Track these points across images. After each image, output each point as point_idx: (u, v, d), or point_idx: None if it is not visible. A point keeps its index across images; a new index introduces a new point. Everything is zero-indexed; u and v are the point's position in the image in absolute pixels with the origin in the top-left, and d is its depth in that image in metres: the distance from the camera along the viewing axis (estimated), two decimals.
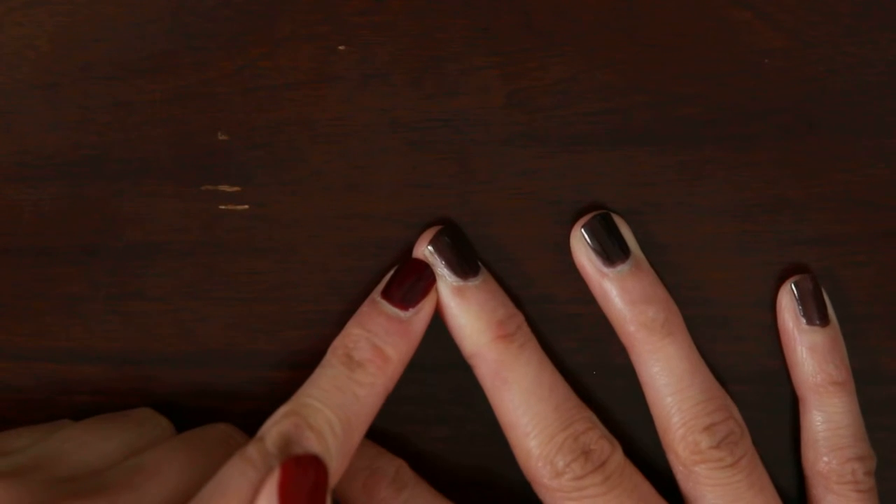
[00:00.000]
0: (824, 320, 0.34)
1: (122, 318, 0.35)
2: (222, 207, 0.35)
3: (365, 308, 0.33)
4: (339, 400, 0.31)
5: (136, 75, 0.34)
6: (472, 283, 0.34)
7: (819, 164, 0.34)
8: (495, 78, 0.34)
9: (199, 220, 0.35)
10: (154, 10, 0.34)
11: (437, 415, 0.36)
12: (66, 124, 0.34)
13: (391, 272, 0.34)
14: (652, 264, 0.35)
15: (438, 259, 0.33)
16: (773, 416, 0.36)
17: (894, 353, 0.35)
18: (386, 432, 0.36)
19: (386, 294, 0.33)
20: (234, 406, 0.36)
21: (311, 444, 0.29)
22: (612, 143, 0.34)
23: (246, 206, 0.35)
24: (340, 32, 0.34)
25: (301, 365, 0.35)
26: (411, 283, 0.33)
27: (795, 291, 0.34)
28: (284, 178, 0.34)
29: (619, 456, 0.33)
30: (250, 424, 0.35)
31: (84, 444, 0.31)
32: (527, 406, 0.33)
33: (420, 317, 0.33)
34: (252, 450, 0.28)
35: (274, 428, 0.29)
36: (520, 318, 0.34)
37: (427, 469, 0.36)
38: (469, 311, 0.33)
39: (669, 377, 0.34)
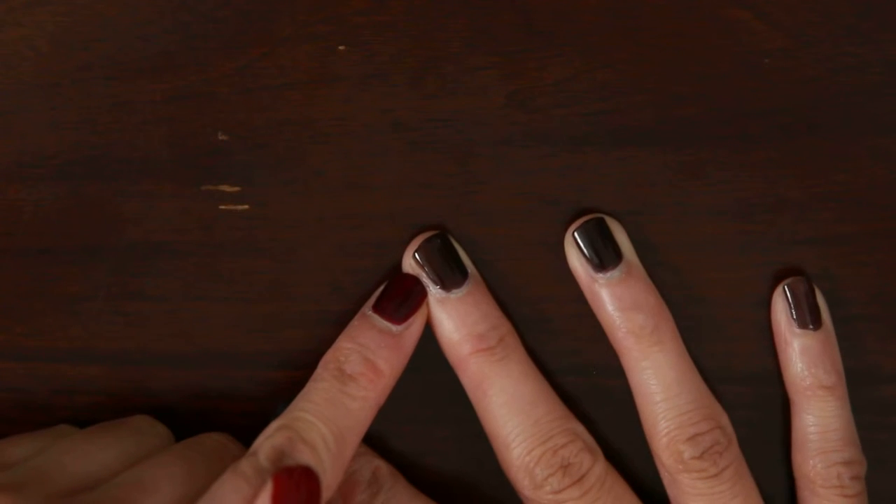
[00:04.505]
0: (816, 324, 0.34)
1: (122, 318, 0.35)
2: (222, 207, 0.35)
3: (356, 322, 0.33)
4: (331, 413, 0.30)
5: (136, 75, 0.34)
6: (455, 294, 0.33)
7: (819, 164, 0.34)
8: (495, 78, 0.34)
9: (199, 220, 0.35)
10: (154, 10, 0.34)
11: (437, 415, 0.36)
12: (66, 124, 0.34)
13: (382, 286, 0.34)
14: (651, 264, 0.35)
15: (421, 270, 0.33)
16: (772, 417, 0.36)
17: (894, 353, 0.35)
18: (386, 432, 0.36)
19: (377, 308, 0.33)
20: (234, 406, 0.36)
21: (305, 458, 0.29)
22: (612, 143, 0.34)
23: (246, 206, 0.35)
24: (340, 32, 0.34)
25: (301, 365, 0.35)
26: (402, 298, 0.33)
27: (788, 294, 0.34)
28: (284, 178, 0.34)
29: (599, 469, 0.33)
30: (250, 425, 0.35)
31: (83, 455, 0.31)
32: (506, 419, 0.33)
33: (411, 331, 0.33)
34: (245, 464, 0.28)
35: (267, 442, 0.29)
36: (503, 329, 0.34)
37: (427, 469, 0.36)
38: (449, 323, 0.33)
39: (657, 385, 0.34)
